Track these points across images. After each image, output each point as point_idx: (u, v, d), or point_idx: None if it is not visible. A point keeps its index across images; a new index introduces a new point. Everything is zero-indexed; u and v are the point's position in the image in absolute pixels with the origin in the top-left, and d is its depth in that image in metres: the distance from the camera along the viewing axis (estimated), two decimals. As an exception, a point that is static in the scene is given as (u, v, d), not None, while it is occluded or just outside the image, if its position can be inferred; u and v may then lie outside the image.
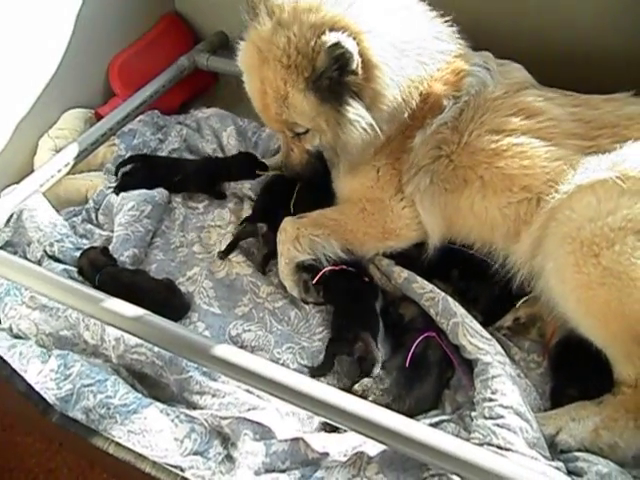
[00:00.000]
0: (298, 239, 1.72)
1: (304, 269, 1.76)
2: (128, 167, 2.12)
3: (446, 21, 1.68)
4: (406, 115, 1.62)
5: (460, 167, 1.62)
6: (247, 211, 2.02)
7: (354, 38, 1.42)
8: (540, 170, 1.53)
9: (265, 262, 1.86)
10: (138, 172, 2.10)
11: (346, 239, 1.74)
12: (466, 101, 1.63)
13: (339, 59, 1.41)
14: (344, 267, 1.72)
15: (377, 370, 1.49)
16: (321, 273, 1.71)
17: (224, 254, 1.86)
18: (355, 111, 1.51)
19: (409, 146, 1.66)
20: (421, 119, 1.64)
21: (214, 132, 2.33)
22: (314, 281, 1.71)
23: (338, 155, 1.70)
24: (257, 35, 1.54)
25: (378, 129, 1.56)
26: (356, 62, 1.42)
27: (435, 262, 1.77)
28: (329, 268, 1.71)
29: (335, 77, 1.45)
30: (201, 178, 2.08)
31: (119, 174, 2.12)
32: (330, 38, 1.39)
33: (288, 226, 1.75)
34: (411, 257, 1.77)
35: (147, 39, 2.53)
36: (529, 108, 1.59)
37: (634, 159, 1.40)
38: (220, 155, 2.25)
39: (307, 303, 1.75)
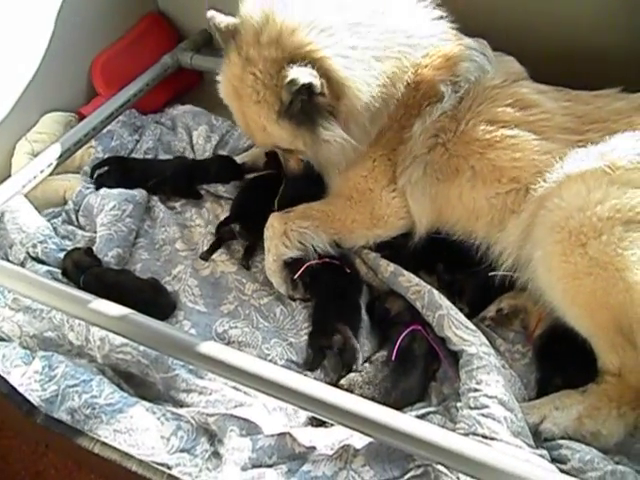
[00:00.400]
0: (286, 234, 1.71)
1: (289, 265, 1.76)
2: (103, 170, 2.12)
3: (431, 7, 1.66)
4: (393, 108, 1.63)
5: (454, 156, 1.63)
6: (225, 209, 2.02)
7: (314, 65, 1.44)
8: (530, 163, 1.54)
9: (246, 258, 1.86)
10: (113, 175, 2.09)
11: (334, 229, 1.74)
12: (466, 89, 1.63)
13: (300, 91, 1.45)
14: (327, 260, 1.73)
15: (359, 361, 1.50)
16: (305, 267, 1.71)
17: (207, 255, 1.86)
18: (328, 131, 1.54)
19: (406, 136, 1.66)
20: (417, 107, 1.64)
21: (187, 130, 2.34)
22: (297, 275, 1.71)
23: (326, 171, 1.75)
24: (230, 72, 1.60)
25: (355, 141, 1.59)
26: (319, 87, 1.45)
27: (420, 255, 1.79)
28: (313, 262, 1.72)
29: (304, 103, 1.49)
30: (178, 181, 2.07)
31: (94, 176, 2.12)
32: (288, 74, 1.42)
33: (275, 222, 1.75)
34: (398, 247, 1.78)
35: (130, 38, 2.51)
36: (524, 99, 1.61)
37: (623, 149, 1.42)
38: (190, 154, 2.27)
39: (294, 300, 1.75)
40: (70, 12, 2.23)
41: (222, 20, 1.59)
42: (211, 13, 1.63)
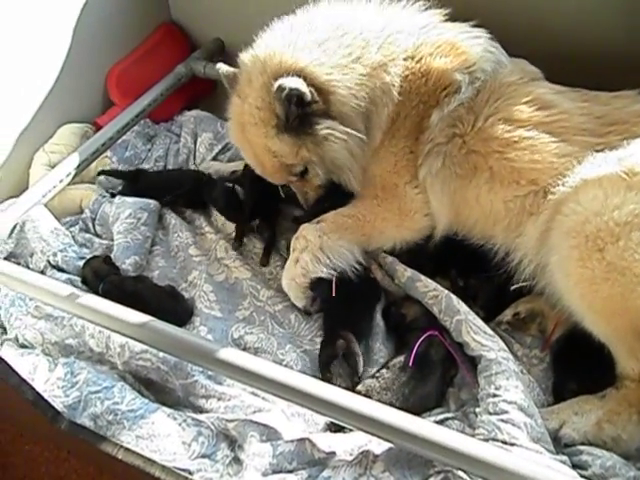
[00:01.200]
0: (322, 249, 1.68)
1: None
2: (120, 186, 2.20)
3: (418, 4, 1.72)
4: (398, 99, 1.64)
5: (472, 152, 1.62)
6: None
7: (299, 75, 1.53)
8: (549, 165, 1.53)
9: (267, 255, 1.89)
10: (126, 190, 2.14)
11: (365, 233, 1.72)
12: (483, 80, 1.63)
13: (290, 97, 1.52)
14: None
15: (360, 367, 1.52)
16: (335, 283, 1.67)
17: (238, 243, 1.92)
18: (325, 128, 1.59)
19: (425, 125, 1.66)
20: (434, 96, 1.64)
21: (192, 135, 2.40)
22: (333, 292, 1.65)
23: (343, 174, 1.72)
24: (233, 112, 1.75)
25: (357, 132, 1.61)
26: (309, 95, 1.53)
27: (437, 259, 1.78)
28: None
29: (299, 114, 1.56)
30: (193, 197, 2.09)
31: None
32: (274, 85, 1.53)
33: (309, 234, 1.71)
34: (416, 252, 1.77)
35: (144, 48, 2.55)
36: (542, 99, 1.59)
37: None
38: (191, 161, 2.32)
39: (310, 314, 1.74)
40: (86, 24, 2.27)
41: (226, 70, 1.82)
42: (219, 65, 1.86)
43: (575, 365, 1.53)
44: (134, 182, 2.17)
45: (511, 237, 1.62)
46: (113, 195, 2.13)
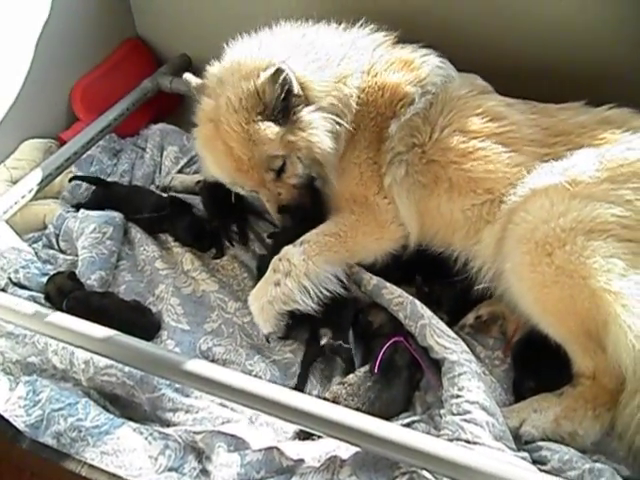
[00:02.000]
0: (308, 276, 1.64)
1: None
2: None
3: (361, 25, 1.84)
4: (358, 109, 1.73)
5: (432, 162, 1.69)
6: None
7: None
8: (502, 175, 1.61)
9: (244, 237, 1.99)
10: (93, 199, 2.13)
11: (348, 249, 1.72)
12: (434, 93, 1.73)
13: (283, 84, 1.58)
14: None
15: (357, 361, 1.55)
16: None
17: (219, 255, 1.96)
18: (308, 113, 1.65)
19: (385, 135, 1.73)
20: (390, 108, 1.73)
21: (159, 148, 2.41)
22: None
23: (324, 167, 1.74)
24: (202, 113, 1.76)
25: (335, 118, 1.68)
26: (297, 88, 1.61)
27: (402, 268, 1.83)
28: None
29: (283, 105, 1.62)
30: (154, 224, 2.06)
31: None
32: (268, 70, 1.58)
33: (294, 258, 1.66)
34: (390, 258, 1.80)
35: (109, 63, 2.56)
36: (492, 111, 1.68)
37: (583, 165, 1.50)
38: (157, 174, 2.34)
39: (269, 342, 1.70)
40: (49, 39, 2.26)
41: (194, 80, 1.86)
42: (186, 75, 1.90)
43: (534, 365, 1.58)
44: (106, 189, 2.15)
45: (470, 245, 1.69)
46: (77, 206, 2.10)
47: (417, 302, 1.65)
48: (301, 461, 1.35)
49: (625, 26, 1.88)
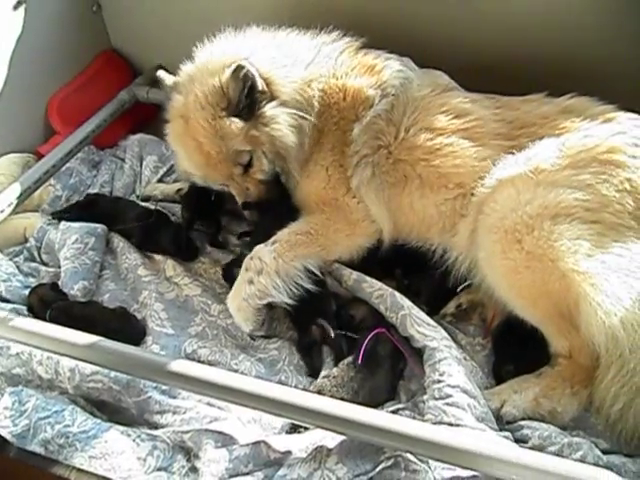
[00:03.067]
0: (279, 272, 1.66)
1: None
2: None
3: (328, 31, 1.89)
4: (321, 111, 1.77)
5: (400, 161, 1.73)
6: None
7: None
8: (471, 169, 1.66)
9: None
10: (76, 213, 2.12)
11: (321, 245, 1.75)
12: (395, 95, 1.77)
13: (245, 80, 1.64)
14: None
15: (344, 346, 1.61)
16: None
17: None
18: (271, 109, 1.71)
19: (349, 139, 1.77)
20: (352, 111, 1.77)
21: (138, 158, 2.44)
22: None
23: (287, 162, 1.78)
24: (173, 109, 1.82)
25: (298, 113, 1.72)
26: (260, 84, 1.67)
27: (382, 263, 1.86)
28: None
29: (247, 101, 1.68)
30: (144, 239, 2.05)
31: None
32: (232, 67, 1.64)
33: (265, 256, 1.68)
34: (368, 254, 1.84)
35: (85, 76, 2.57)
36: (457, 108, 1.73)
37: (544, 153, 1.56)
38: (137, 184, 2.36)
39: (254, 339, 1.74)
40: (24, 53, 2.27)
41: (167, 77, 1.94)
42: (160, 72, 1.97)
43: (512, 348, 1.63)
44: (88, 209, 2.13)
45: (446, 238, 1.74)
46: (58, 215, 2.10)
47: (397, 294, 1.69)
48: (288, 453, 1.37)
49: (623, 22, 1.92)
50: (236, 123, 1.68)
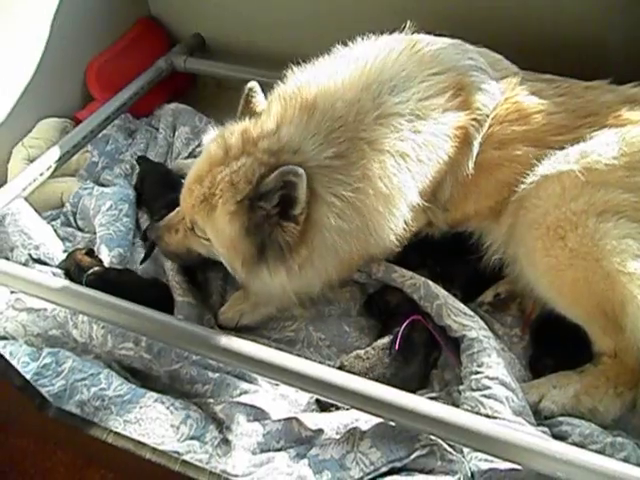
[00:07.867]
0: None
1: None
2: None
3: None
4: None
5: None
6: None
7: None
8: (525, 171, 1.54)
9: None
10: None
11: None
12: (488, 125, 1.58)
13: (286, 185, 1.26)
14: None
15: None
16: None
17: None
18: (271, 274, 1.40)
19: None
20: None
21: (171, 128, 2.39)
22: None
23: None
24: (211, 153, 1.44)
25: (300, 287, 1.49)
26: (301, 197, 1.27)
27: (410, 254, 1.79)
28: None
29: (272, 210, 1.32)
30: None
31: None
32: (282, 165, 1.27)
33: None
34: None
35: (123, 43, 2.55)
36: (523, 110, 1.59)
37: (599, 151, 1.46)
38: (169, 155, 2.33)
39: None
40: (64, 18, 2.25)
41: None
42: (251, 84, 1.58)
43: (552, 343, 1.58)
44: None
45: (485, 224, 1.69)
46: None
47: (431, 283, 1.64)
48: (320, 431, 1.36)
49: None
50: (234, 227, 1.36)
